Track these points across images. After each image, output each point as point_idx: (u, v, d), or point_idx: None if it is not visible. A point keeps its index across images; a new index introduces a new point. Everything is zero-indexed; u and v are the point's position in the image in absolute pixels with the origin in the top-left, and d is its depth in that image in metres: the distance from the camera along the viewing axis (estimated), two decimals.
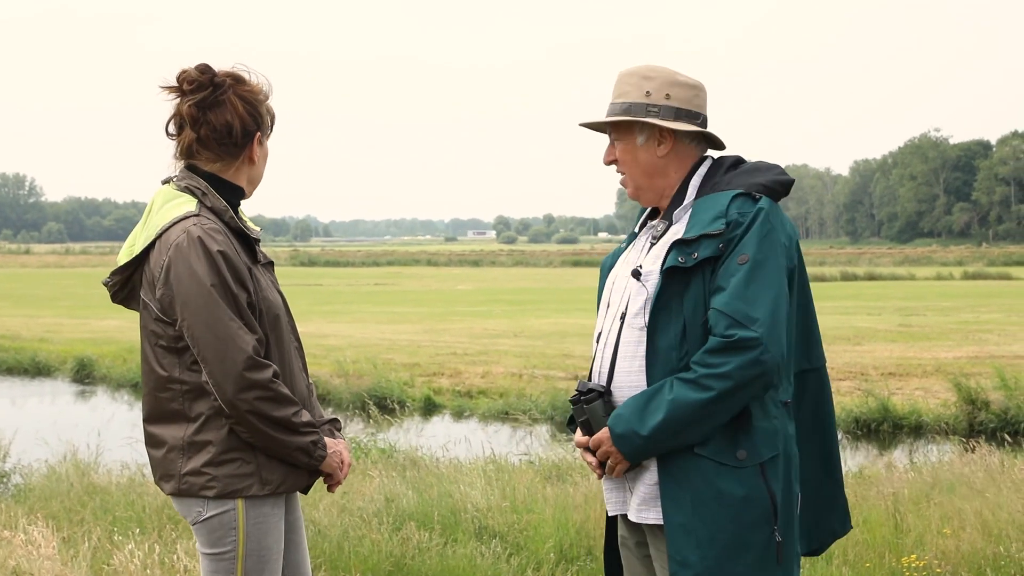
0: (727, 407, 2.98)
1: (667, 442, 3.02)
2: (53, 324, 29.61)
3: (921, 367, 19.52)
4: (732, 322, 2.95)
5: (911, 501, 7.20)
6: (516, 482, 7.91)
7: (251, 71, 3.34)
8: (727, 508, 3.00)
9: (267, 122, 3.37)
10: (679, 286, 3.06)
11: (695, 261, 3.03)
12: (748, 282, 2.97)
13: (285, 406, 3.17)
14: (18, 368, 22.91)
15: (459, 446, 11.32)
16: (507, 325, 28.88)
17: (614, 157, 3.29)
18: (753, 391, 2.98)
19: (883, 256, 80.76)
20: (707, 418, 2.98)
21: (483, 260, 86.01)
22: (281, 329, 3.30)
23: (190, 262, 3.10)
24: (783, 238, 3.07)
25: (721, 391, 2.95)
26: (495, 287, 50.49)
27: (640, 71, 3.24)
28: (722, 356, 2.95)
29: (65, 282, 55.91)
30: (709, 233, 3.04)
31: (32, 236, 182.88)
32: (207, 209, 3.24)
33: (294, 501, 3.50)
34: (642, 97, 3.20)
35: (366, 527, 6.68)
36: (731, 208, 3.06)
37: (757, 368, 2.94)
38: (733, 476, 3.01)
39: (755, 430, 3.02)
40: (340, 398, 18.03)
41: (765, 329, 2.94)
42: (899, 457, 12.04)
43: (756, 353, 2.93)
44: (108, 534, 6.61)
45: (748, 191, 3.09)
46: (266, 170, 3.44)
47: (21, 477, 10.59)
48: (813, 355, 3.25)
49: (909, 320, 28.98)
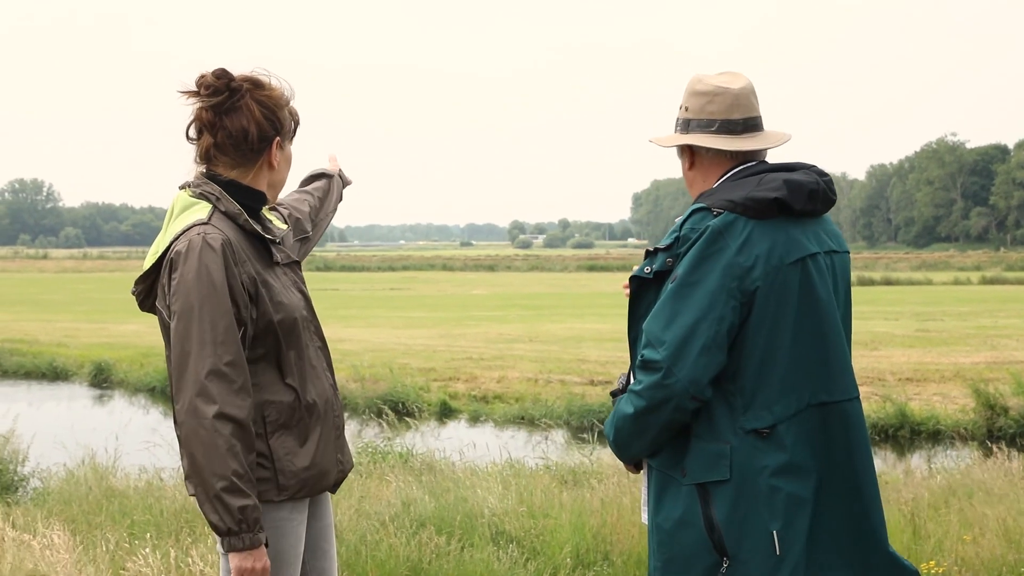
0: (648, 425, 2.96)
1: (624, 450, 3.09)
2: (71, 329, 29.72)
3: (939, 372, 19.44)
4: (646, 342, 2.93)
5: (930, 507, 7.16)
6: (533, 487, 7.90)
7: (272, 75, 3.33)
8: (666, 524, 3.00)
9: (288, 127, 3.37)
10: (651, 296, 3.03)
11: (651, 274, 3.02)
12: (669, 303, 2.92)
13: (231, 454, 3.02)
14: (36, 372, 23.01)
15: (475, 451, 11.31)
16: (523, 330, 28.87)
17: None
18: (665, 414, 2.91)
19: (900, 261, 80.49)
20: (638, 433, 2.99)
21: (498, 265, 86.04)
22: (298, 331, 3.29)
23: (184, 273, 3.10)
24: (741, 259, 2.91)
25: (637, 408, 2.95)
26: (511, 292, 50.50)
27: (688, 82, 3.23)
28: (640, 374, 2.96)
29: (83, 287, 56.14)
30: (659, 247, 3.02)
31: (50, 241, 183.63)
32: (220, 214, 3.24)
33: (323, 508, 3.49)
34: (680, 112, 3.21)
35: (383, 531, 6.68)
36: (686, 223, 2.99)
37: (661, 391, 2.89)
38: (675, 492, 2.99)
39: (693, 450, 2.95)
40: (356, 403, 18.04)
41: (668, 352, 2.87)
42: (917, 463, 11.98)
43: (658, 376, 2.89)
44: (125, 538, 6.62)
45: (710, 206, 2.98)
46: (290, 174, 3.45)
47: (40, 481, 10.63)
48: (835, 386, 3.04)
49: (927, 325, 28.88)
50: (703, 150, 3.16)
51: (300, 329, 3.31)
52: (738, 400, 2.93)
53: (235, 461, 3.01)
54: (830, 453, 3.00)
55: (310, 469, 3.28)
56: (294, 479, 3.24)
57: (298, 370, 3.28)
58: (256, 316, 3.19)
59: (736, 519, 2.92)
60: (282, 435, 3.24)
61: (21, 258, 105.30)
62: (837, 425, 3.02)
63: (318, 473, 3.30)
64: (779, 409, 2.94)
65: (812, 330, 3.02)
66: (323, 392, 3.35)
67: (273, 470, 3.21)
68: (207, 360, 3.03)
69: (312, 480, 3.28)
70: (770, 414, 2.93)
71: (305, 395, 3.28)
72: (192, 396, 3.02)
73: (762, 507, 2.91)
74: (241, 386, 3.06)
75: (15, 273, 78.43)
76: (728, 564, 2.90)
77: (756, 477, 2.91)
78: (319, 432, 3.31)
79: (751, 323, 2.92)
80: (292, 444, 3.25)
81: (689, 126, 3.15)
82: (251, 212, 3.32)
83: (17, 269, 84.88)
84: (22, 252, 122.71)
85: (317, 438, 3.30)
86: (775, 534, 2.91)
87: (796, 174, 3.06)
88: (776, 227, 2.97)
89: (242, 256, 3.19)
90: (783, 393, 2.94)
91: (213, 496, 3.01)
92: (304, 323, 3.34)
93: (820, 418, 2.99)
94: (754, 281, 2.91)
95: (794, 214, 3.01)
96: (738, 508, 2.92)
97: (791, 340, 2.97)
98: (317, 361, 3.37)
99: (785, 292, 2.95)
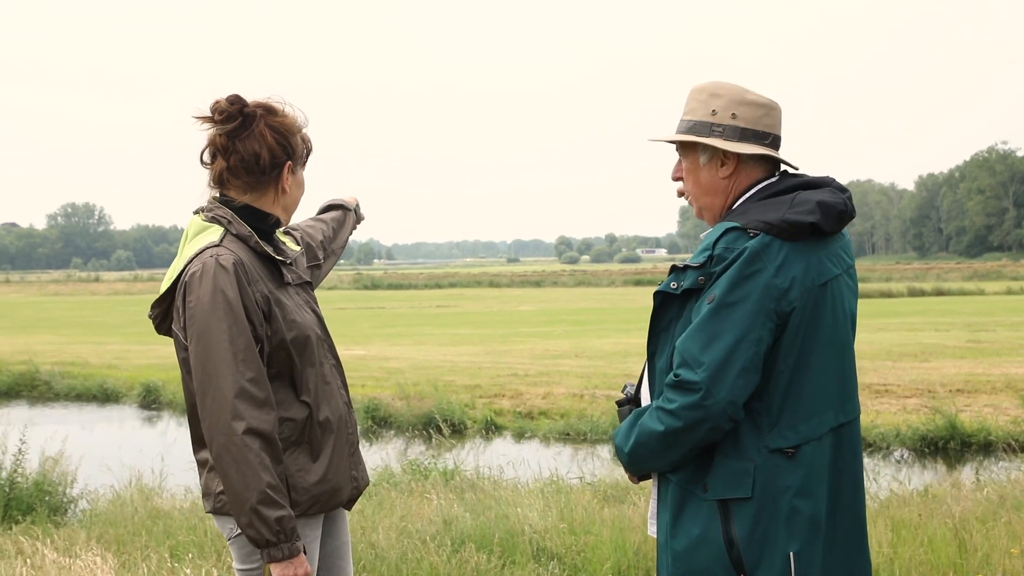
0: (678, 443, 2.93)
1: (643, 464, 3.06)
2: (121, 351, 30.03)
3: (990, 383, 19.17)
4: (681, 361, 2.90)
5: (978, 520, 7.05)
6: (574, 503, 7.87)
7: (286, 103, 3.40)
8: (685, 538, 2.97)
9: (300, 152, 3.43)
10: (674, 311, 3.03)
11: (680, 290, 3.00)
12: (707, 324, 2.89)
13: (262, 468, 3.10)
14: (87, 395, 23.23)
15: (520, 468, 11.29)
16: (569, 345, 28.81)
17: (680, 174, 3.25)
18: (700, 434, 2.89)
19: (951, 271, 79.52)
20: (664, 449, 2.96)
21: (545, 281, 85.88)
22: (311, 350, 3.34)
23: (200, 296, 3.16)
24: (778, 280, 2.91)
25: (669, 427, 2.91)
26: (557, 308, 50.44)
27: (709, 88, 3.18)
28: (672, 393, 2.92)
29: (133, 308, 56.74)
30: (691, 265, 2.99)
31: (102, 264, 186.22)
32: (232, 236, 3.31)
33: (339, 526, 3.52)
34: (708, 116, 3.14)
35: (424, 550, 6.67)
36: (720, 242, 2.96)
37: (699, 412, 2.87)
38: (695, 507, 2.97)
39: (717, 466, 2.93)
40: (401, 421, 18.08)
41: (708, 374, 2.86)
42: (967, 475, 11.80)
43: (697, 397, 2.86)
44: (167, 559, 6.66)
45: (745, 226, 2.96)
46: (303, 198, 3.50)
47: (88, 502, 10.74)
48: (850, 406, 3.08)
49: (978, 336, 28.49)
50: (749, 162, 3.14)
51: (314, 347, 3.36)
52: (764, 419, 2.93)
53: (267, 474, 3.08)
54: (840, 477, 3.03)
55: (322, 485, 3.31)
56: (306, 495, 3.29)
57: (312, 387, 3.33)
58: (270, 334, 3.25)
59: (756, 538, 2.91)
60: (295, 451, 3.30)
61: (73, 281, 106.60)
62: (847, 447, 3.05)
63: (331, 489, 3.33)
64: (805, 429, 2.95)
65: (836, 351, 3.04)
66: (337, 409, 3.39)
67: (286, 486, 3.24)
68: (229, 378, 3.09)
69: (324, 496, 3.32)
70: (796, 434, 2.94)
71: (319, 412, 3.33)
72: (220, 415, 3.08)
73: (781, 527, 2.91)
74: (264, 400, 3.14)
75: (68, 296, 79.43)
76: None
77: (778, 497, 2.91)
78: (332, 448, 3.35)
79: (783, 343, 2.93)
80: (305, 460, 3.30)
81: (744, 135, 3.12)
82: (263, 234, 3.38)
83: (70, 292, 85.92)
84: (75, 275, 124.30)
85: (330, 454, 3.34)
86: (792, 556, 2.91)
87: (824, 194, 3.05)
88: (808, 249, 2.98)
89: (254, 276, 3.25)
90: (810, 414, 2.96)
91: (249, 510, 3.08)
92: (318, 341, 3.39)
93: (837, 440, 3.03)
94: (791, 303, 2.92)
95: (824, 235, 3.03)
96: (758, 527, 2.91)
97: (819, 361, 2.99)
98: (332, 378, 3.42)
99: (816, 313, 2.98)
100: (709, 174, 3.17)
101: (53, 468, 11.00)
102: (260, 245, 3.32)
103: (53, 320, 47.36)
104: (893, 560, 6.43)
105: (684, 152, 3.21)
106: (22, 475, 10.58)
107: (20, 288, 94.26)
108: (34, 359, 25.92)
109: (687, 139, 3.15)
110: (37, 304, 66.29)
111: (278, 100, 3.38)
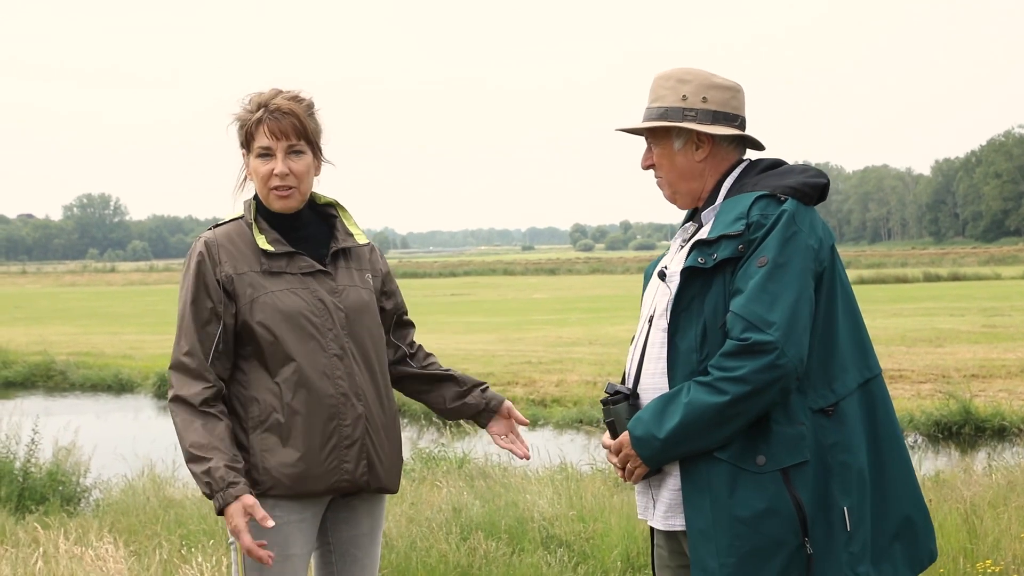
0: (743, 411, 2.91)
1: (684, 446, 2.97)
2: (136, 341, 30.14)
3: (1005, 368, 19.10)
4: (748, 325, 2.89)
5: (988, 505, 7.02)
6: (583, 491, 7.87)
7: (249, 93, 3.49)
8: (747, 514, 2.93)
9: (243, 139, 3.47)
10: (700, 287, 3.02)
11: (714, 262, 2.98)
12: (766, 285, 2.91)
13: (186, 430, 3.27)
14: (102, 385, 23.35)
15: (531, 455, 11.27)
16: (582, 333, 28.81)
17: (651, 162, 3.25)
18: (770, 396, 2.90)
19: (968, 256, 79.24)
20: (723, 423, 2.92)
21: (560, 268, 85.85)
22: (298, 334, 3.34)
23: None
24: (811, 241, 2.99)
25: (736, 395, 2.88)
26: (571, 295, 50.44)
27: (676, 74, 3.20)
28: (738, 360, 2.89)
29: (149, 299, 56.95)
30: (728, 234, 2.99)
31: (117, 254, 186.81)
32: (239, 220, 3.49)
33: (358, 515, 3.50)
34: (678, 101, 3.16)
35: (433, 537, 6.69)
36: (753, 209, 3.00)
37: (773, 372, 2.87)
38: (753, 482, 2.94)
39: (775, 435, 2.94)
40: (414, 409, 18.10)
41: (781, 333, 2.87)
42: (980, 460, 11.77)
43: (772, 357, 2.86)
44: (178, 547, 6.69)
45: (773, 192, 3.02)
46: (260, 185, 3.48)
47: (101, 492, 10.80)
48: (872, 362, 3.12)
49: (993, 321, 28.38)
50: (723, 143, 3.19)
51: (302, 333, 3.35)
52: (806, 381, 2.97)
53: (192, 434, 3.24)
54: (877, 430, 3.08)
55: (291, 468, 3.31)
56: (267, 476, 3.30)
57: (292, 372, 3.32)
58: (234, 312, 3.36)
59: (817, 499, 2.95)
60: (263, 432, 3.33)
61: (89, 272, 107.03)
62: (879, 401, 3.11)
63: (301, 475, 3.31)
64: (839, 387, 3.01)
65: (851, 309, 3.11)
66: (326, 398, 3.35)
67: (248, 464, 3.31)
68: (174, 350, 3.36)
69: (292, 481, 3.31)
70: (832, 393, 3.00)
71: (295, 396, 3.31)
72: (169, 370, 3.38)
73: (835, 484, 2.97)
74: (196, 371, 3.31)
75: (84, 287, 79.76)
76: (808, 545, 2.92)
77: (826, 455, 2.97)
78: (308, 435, 3.32)
79: (819, 303, 3.01)
80: (273, 442, 3.32)
81: (716, 118, 3.16)
82: (276, 222, 3.45)
83: (86, 283, 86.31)
84: (90, 266, 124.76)
85: (304, 440, 3.32)
86: (846, 510, 2.97)
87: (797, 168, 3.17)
88: (816, 213, 3.09)
89: (229, 257, 3.38)
90: (840, 372, 3.02)
91: (190, 472, 3.27)
92: (312, 328, 3.37)
93: (866, 396, 3.08)
94: (822, 263, 3.01)
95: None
96: (818, 487, 2.95)
97: (842, 320, 3.06)
98: (333, 369, 3.38)
99: (834, 274, 3.06)
100: (685, 158, 3.19)
101: (67, 458, 11.07)
102: (248, 231, 3.43)
103: (69, 311, 47.57)
104: None
105: (656, 140, 3.21)
106: (36, 465, 10.64)
107: (36, 279, 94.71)
108: (49, 349, 26.08)
109: (664, 125, 3.16)
110: (53, 295, 66.59)
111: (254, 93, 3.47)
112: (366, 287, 3.52)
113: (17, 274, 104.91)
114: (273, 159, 3.39)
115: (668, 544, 3.21)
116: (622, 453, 3.08)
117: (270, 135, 3.36)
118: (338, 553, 3.51)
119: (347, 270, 3.50)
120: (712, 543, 2.96)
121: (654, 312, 3.15)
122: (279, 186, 3.39)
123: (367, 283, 3.53)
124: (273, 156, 3.39)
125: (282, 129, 3.36)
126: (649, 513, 3.18)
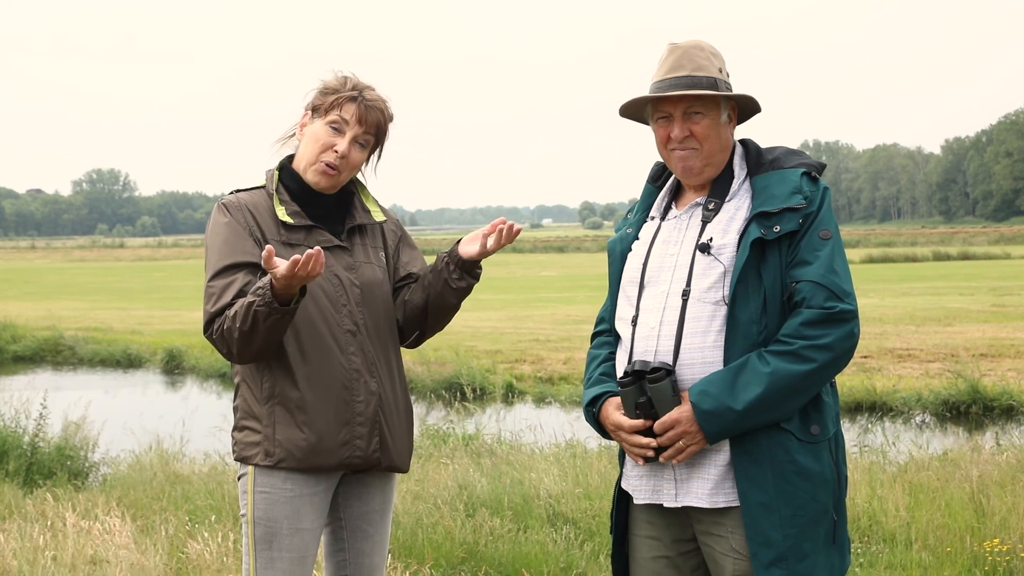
0: (824, 378, 3.02)
1: (761, 417, 2.98)
2: (145, 316, 30.19)
3: (1014, 348, 19.04)
4: (830, 294, 2.98)
5: (996, 484, 7.00)
6: (590, 468, 7.86)
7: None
8: (808, 484, 3.00)
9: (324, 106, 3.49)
10: (758, 259, 3.04)
11: (777, 234, 3.02)
12: (835, 256, 3.04)
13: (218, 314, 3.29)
14: (111, 360, 23.37)
15: (538, 433, 11.28)
16: (591, 311, 28.75)
17: (690, 132, 3.15)
18: (845, 363, 3.04)
19: (978, 235, 78.97)
20: (805, 391, 3.00)
21: (568, 246, 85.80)
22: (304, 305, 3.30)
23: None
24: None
25: (823, 363, 2.97)
26: (579, 273, 50.36)
27: (706, 47, 3.19)
28: (822, 328, 2.97)
29: (158, 275, 57.04)
30: (792, 207, 3.04)
31: (127, 230, 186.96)
32: (260, 189, 3.52)
33: (370, 491, 3.52)
34: (717, 73, 3.16)
35: (439, 514, 6.69)
36: (804, 184, 3.09)
37: (853, 340, 3.01)
38: (810, 452, 3.03)
39: (824, 405, 3.07)
40: (422, 386, 18.11)
41: (855, 304, 3.02)
42: (988, 440, 11.74)
43: (851, 326, 3.00)
44: (186, 522, 6.70)
45: (809, 170, 3.13)
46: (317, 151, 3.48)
47: (108, 467, 10.82)
48: None
49: (1003, 300, 28.29)
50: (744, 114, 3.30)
51: (316, 307, 3.36)
52: None
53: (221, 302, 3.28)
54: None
55: (303, 442, 3.32)
56: (279, 448, 3.32)
57: (304, 344, 3.33)
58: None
59: (843, 468, 3.16)
60: (275, 405, 3.34)
61: (99, 247, 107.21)
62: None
63: (313, 448, 3.33)
64: None
65: None
66: (338, 373, 3.35)
67: (263, 435, 3.33)
68: (208, 272, 3.38)
69: (304, 454, 3.32)
70: None
71: (306, 369, 3.31)
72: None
73: (841, 453, 3.16)
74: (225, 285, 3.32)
75: (93, 263, 79.91)
76: (835, 512, 3.08)
77: (839, 425, 3.18)
78: (321, 409, 3.33)
79: None
80: (285, 415, 3.33)
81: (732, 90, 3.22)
82: (297, 195, 3.47)
83: (95, 259, 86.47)
84: (100, 242, 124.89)
85: (317, 414, 3.33)
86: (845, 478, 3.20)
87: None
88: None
89: (255, 220, 3.41)
90: None
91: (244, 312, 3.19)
92: (327, 302, 3.38)
93: None
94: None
95: None
96: (844, 457, 3.16)
97: None
98: (343, 344, 3.37)
99: None
100: (727, 131, 3.21)
101: (75, 433, 11.08)
102: (269, 199, 3.46)
103: (78, 286, 47.65)
104: (910, 524, 6.41)
105: (706, 110, 3.14)
106: (44, 440, 10.66)
107: (46, 254, 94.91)
108: (58, 325, 26.10)
109: (733, 95, 3.16)
110: (62, 270, 66.72)
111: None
112: (380, 264, 3.54)
113: (26, 249, 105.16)
114: (341, 137, 3.43)
115: (677, 520, 3.15)
116: (675, 431, 3.02)
117: (353, 116, 3.42)
118: (350, 529, 3.53)
119: (363, 247, 3.52)
120: (775, 514, 2.98)
121: (689, 286, 3.09)
122: (331, 163, 3.43)
123: (380, 261, 3.55)
124: (342, 134, 3.43)
125: (367, 117, 3.43)
126: (652, 494, 3.14)
